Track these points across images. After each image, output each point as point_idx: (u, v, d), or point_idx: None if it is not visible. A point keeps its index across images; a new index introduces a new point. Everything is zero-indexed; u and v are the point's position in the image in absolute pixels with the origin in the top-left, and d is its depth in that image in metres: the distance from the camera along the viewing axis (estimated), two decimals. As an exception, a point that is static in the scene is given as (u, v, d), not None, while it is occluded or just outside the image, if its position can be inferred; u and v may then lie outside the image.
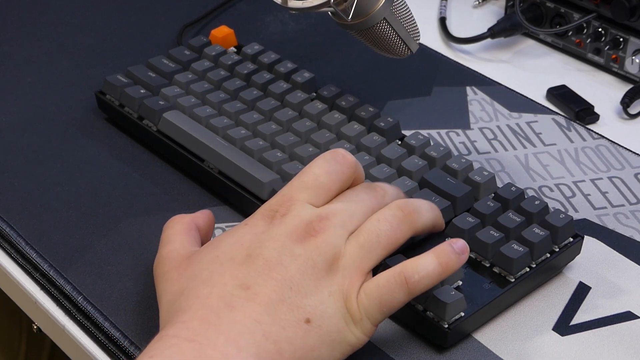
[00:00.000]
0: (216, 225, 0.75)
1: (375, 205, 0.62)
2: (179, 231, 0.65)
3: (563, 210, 0.74)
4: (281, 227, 0.59)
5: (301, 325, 0.57)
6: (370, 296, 0.59)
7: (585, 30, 0.92)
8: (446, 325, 0.63)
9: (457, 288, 0.66)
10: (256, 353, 0.55)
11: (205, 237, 0.67)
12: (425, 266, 0.59)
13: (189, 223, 0.65)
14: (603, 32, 0.91)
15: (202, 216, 0.67)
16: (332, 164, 0.62)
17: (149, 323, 0.67)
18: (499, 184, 0.75)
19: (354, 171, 0.62)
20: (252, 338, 0.55)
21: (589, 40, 0.92)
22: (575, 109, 0.87)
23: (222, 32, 0.91)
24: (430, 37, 0.98)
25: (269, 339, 0.56)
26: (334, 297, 0.58)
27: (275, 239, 0.59)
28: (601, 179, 0.79)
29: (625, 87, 0.90)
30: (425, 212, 0.63)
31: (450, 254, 0.60)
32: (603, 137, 0.84)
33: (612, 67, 0.92)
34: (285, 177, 0.74)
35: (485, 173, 0.73)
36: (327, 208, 0.61)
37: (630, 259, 0.72)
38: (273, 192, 0.72)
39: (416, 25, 0.75)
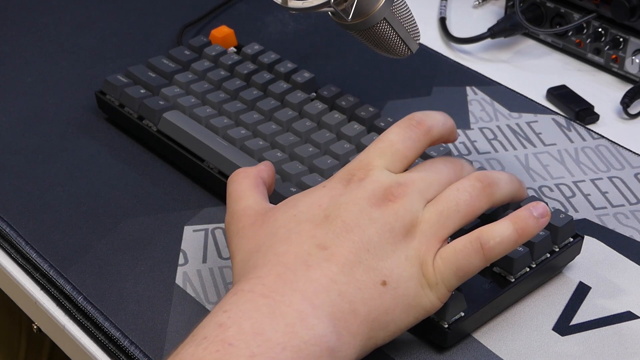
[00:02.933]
0: (215, 226, 0.75)
1: (452, 177, 0.62)
2: (249, 186, 0.65)
3: (563, 210, 0.74)
4: (360, 190, 0.60)
5: (377, 287, 0.57)
6: (447, 261, 0.59)
7: (585, 30, 0.92)
8: (446, 325, 0.63)
9: (457, 288, 0.66)
10: (331, 312, 0.55)
11: (269, 190, 0.67)
12: (501, 232, 0.60)
13: (256, 177, 0.65)
14: (603, 32, 0.91)
15: (266, 169, 0.67)
16: (407, 132, 0.62)
17: (149, 323, 0.67)
18: (499, 184, 0.75)
19: (430, 137, 0.63)
20: (328, 297, 0.56)
21: (589, 40, 0.92)
22: (575, 109, 0.87)
23: (222, 32, 0.91)
24: (430, 37, 0.98)
25: (345, 299, 0.56)
26: (410, 262, 0.59)
27: (353, 202, 0.59)
28: (601, 179, 0.79)
29: (625, 87, 0.90)
30: (504, 184, 0.63)
31: (527, 219, 0.60)
32: (603, 137, 0.84)
33: (612, 67, 0.92)
34: (285, 177, 0.74)
35: (485, 173, 0.73)
36: (405, 175, 0.61)
37: (630, 259, 0.72)
38: (273, 192, 0.72)
39: (416, 25, 0.75)
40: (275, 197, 0.72)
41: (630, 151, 0.82)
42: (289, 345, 0.54)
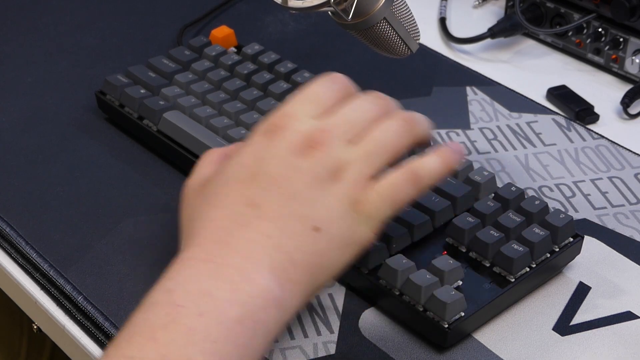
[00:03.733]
0: (216, 225, 0.75)
1: (376, 115, 0.63)
2: (205, 163, 0.66)
3: (563, 210, 0.74)
4: (282, 142, 0.61)
5: (311, 234, 0.59)
6: (382, 195, 0.61)
7: (585, 30, 0.92)
8: (446, 325, 0.63)
9: (457, 288, 0.66)
10: (270, 265, 0.57)
11: None
12: (430, 163, 0.62)
13: (220, 155, 0.67)
14: (603, 32, 0.91)
15: (235, 148, 0.68)
16: (326, 81, 0.64)
17: (149, 323, 0.67)
18: (499, 184, 0.75)
19: (348, 86, 0.64)
20: (265, 252, 0.58)
21: (589, 40, 0.92)
22: (575, 109, 0.87)
23: (222, 32, 0.91)
24: (430, 37, 0.98)
25: (281, 251, 0.58)
26: (340, 202, 0.60)
27: (277, 155, 0.60)
28: (601, 179, 0.79)
29: (625, 87, 0.90)
30: (423, 123, 0.65)
31: (448, 152, 0.63)
32: (603, 137, 0.84)
33: (612, 67, 0.92)
34: (285, 177, 0.74)
35: (485, 173, 0.73)
36: (327, 120, 0.62)
37: (630, 259, 0.72)
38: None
39: (416, 25, 0.75)
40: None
41: (630, 151, 0.82)
42: (236, 301, 0.56)
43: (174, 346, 0.53)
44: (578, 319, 0.67)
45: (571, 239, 0.70)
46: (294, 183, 0.60)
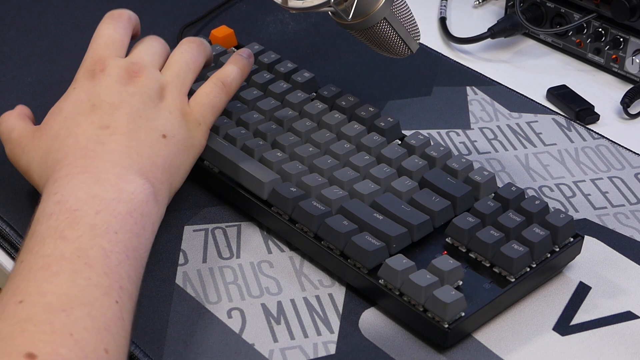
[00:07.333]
0: (215, 225, 0.75)
1: (163, 48, 0.75)
2: (14, 119, 0.73)
3: (563, 210, 0.74)
4: (107, 78, 0.70)
5: (161, 140, 0.69)
6: (202, 104, 0.73)
7: (585, 30, 0.92)
8: (446, 325, 0.63)
9: (457, 288, 0.66)
10: (138, 168, 0.66)
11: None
12: (231, 71, 0.75)
13: (19, 114, 0.74)
14: (603, 32, 0.91)
15: (24, 107, 0.75)
16: (115, 23, 0.75)
17: (149, 323, 0.67)
18: (499, 184, 0.75)
19: (131, 23, 0.76)
20: (130, 159, 0.67)
21: (589, 40, 0.92)
22: (576, 109, 0.87)
23: (222, 32, 0.91)
24: (430, 37, 0.98)
25: (143, 156, 0.67)
26: (174, 115, 0.71)
27: (108, 87, 0.70)
28: (601, 179, 0.79)
29: (625, 87, 0.90)
30: (205, 42, 0.78)
31: (241, 59, 0.77)
32: (603, 137, 0.84)
33: (612, 67, 0.92)
34: (285, 177, 0.74)
35: (486, 173, 0.73)
36: (133, 55, 0.73)
37: (630, 259, 0.72)
38: (273, 192, 0.72)
39: (416, 25, 0.75)
40: (275, 196, 0.72)
41: (631, 151, 0.82)
42: (121, 198, 0.64)
43: (83, 240, 0.60)
44: (578, 319, 0.67)
45: (571, 239, 0.70)
46: (133, 104, 0.69)
